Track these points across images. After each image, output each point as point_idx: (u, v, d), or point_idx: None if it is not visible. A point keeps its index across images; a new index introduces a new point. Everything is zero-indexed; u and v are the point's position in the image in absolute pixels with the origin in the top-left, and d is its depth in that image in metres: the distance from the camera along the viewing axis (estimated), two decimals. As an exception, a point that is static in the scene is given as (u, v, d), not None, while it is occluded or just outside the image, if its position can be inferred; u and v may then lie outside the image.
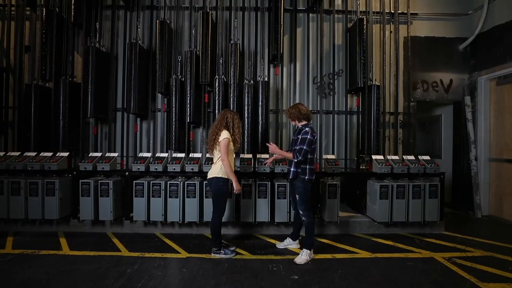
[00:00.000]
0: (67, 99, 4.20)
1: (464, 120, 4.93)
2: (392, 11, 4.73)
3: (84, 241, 3.32)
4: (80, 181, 3.46)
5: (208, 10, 4.26)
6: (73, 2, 4.28)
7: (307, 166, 2.83)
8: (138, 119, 4.63)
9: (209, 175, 2.86)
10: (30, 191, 3.45)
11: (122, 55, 4.64)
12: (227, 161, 2.73)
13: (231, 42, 4.28)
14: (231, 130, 2.85)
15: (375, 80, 4.49)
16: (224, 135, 2.77)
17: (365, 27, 4.35)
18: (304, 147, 2.73)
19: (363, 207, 3.92)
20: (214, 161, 2.88)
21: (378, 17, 4.76)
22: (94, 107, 4.13)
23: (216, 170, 2.80)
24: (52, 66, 4.22)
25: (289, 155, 2.83)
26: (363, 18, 4.38)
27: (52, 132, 4.27)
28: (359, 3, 4.59)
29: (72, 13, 4.29)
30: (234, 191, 2.83)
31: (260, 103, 4.26)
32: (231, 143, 2.83)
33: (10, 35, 4.52)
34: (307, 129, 2.81)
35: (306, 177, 2.83)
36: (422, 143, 5.97)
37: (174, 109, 4.18)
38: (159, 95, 4.58)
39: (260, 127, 4.27)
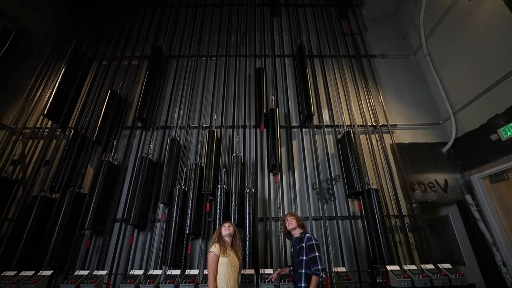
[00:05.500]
0: (68, 210, 4.17)
1: (473, 219, 4.72)
2: (374, 124, 5.39)
3: None
4: (56, 311, 3.00)
5: (213, 129, 4.91)
6: (99, 124, 4.95)
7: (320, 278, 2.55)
8: (136, 230, 4.46)
9: None
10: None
11: (132, 167, 4.91)
12: (211, 279, 2.47)
13: (234, 154, 4.69)
14: (222, 241, 2.72)
15: (372, 183, 4.63)
16: (210, 248, 2.63)
17: (353, 137, 4.85)
18: (317, 254, 2.60)
19: (392, 337, 3.23)
20: None
21: (363, 129, 5.37)
22: (93, 219, 4.07)
23: None
24: (63, 178, 4.42)
25: (315, 281, 2.51)
26: (350, 130, 4.96)
27: (42, 246, 4.02)
28: (344, 119, 5.34)
29: (96, 133, 4.88)
30: None
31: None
32: (225, 257, 2.60)
33: (35, 152, 4.88)
34: (308, 235, 2.75)
35: None
36: (437, 248, 5.51)
37: (174, 219, 4.11)
38: (161, 205, 4.59)
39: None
